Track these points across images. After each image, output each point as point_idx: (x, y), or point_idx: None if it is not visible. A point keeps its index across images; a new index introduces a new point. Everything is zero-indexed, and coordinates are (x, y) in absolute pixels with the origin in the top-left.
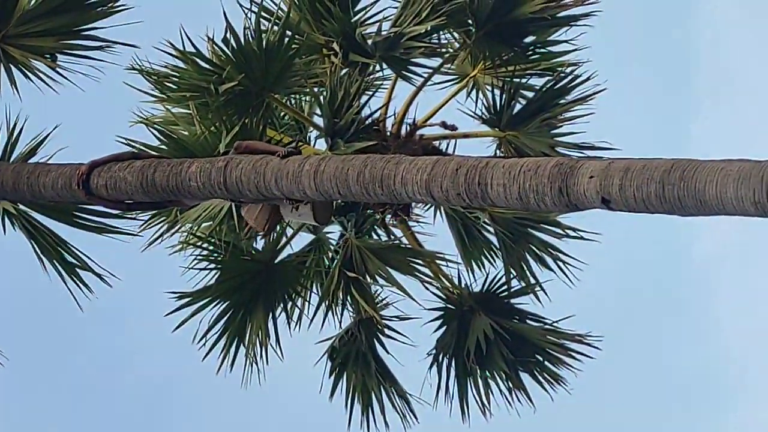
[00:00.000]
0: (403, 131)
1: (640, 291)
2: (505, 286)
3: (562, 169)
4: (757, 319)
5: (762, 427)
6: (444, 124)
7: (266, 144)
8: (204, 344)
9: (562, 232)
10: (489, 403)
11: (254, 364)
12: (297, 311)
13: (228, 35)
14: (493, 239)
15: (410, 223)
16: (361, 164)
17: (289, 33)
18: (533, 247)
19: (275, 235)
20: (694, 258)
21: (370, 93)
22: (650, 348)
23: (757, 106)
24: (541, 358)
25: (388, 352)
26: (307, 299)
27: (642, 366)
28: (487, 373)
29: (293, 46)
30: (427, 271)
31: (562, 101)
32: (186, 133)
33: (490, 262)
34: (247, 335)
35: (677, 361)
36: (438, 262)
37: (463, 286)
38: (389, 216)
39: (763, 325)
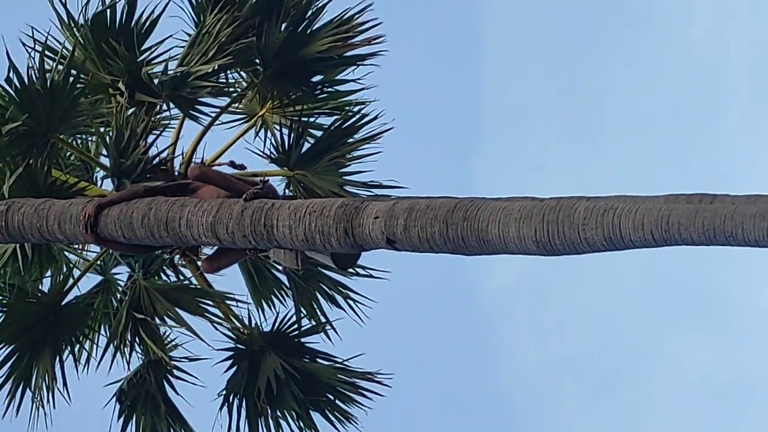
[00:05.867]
0: None
1: (432, 327)
2: (296, 325)
3: (347, 210)
4: (544, 350)
5: None
6: (233, 164)
7: (231, 178)
8: None
9: (352, 270)
10: None
11: (41, 408)
12: (85, 354)
13: (11, 75)
14: (283, 278)
15: (199, 263)
16: (145, 207)
17: (74, 72)
18: (323, 286)
19: (62, 276)
20: (487, 291)
21: (157, 132)
22: (442, 383)
23: (539, 140)
24: (332, 397)
25: (177, 394)
26: (95, 341)
27: (433, 401)
28: (278, 413)
29: (78, 85)
30: (217, 311)
31: (350, 140)
32: None
33: (280, 301)
34: (34, 379)
35: (469, 393)
36: (228, 302)
37: (253, 325)
38: (178, 256)
39: (548, 356)
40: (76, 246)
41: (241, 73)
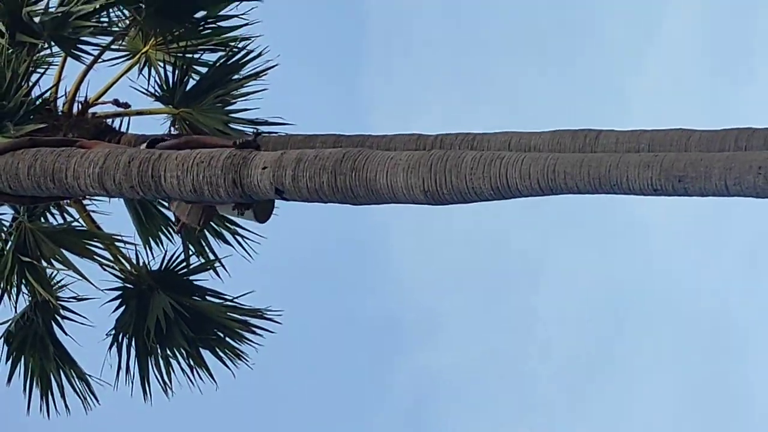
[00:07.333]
0: (75, 110)
1: (321, 259)
2: (184, 263)
3: (235, 160)
4: (434, 266)
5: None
6: (117, 102)
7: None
8: None
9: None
10: (170, 381)
11: None
12: None
13: None
14: (171, 215)
15: (86, 203)
16: (31, 158)
17: None
18: (212, 223)
19: None
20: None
21: (40, 73)
22: (332, 315)
23: (423, 66)
24: (222, 335)
25: (66, 334)
26: None
27: (324, 334)
28: (168, 352)
29: None
30: (105, 252)
31: (235, 77)
32: None
33: (168, 238)
34: None
35: (360, 314)
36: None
37: (141, 264)
38: None
39: (438, 273)
40: None
41: (124, 11)
